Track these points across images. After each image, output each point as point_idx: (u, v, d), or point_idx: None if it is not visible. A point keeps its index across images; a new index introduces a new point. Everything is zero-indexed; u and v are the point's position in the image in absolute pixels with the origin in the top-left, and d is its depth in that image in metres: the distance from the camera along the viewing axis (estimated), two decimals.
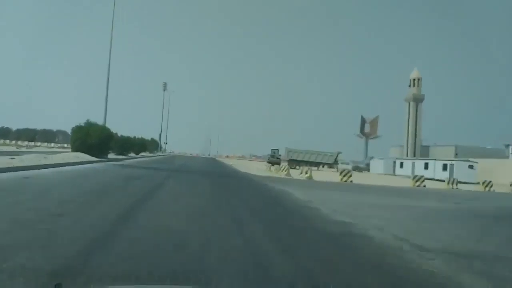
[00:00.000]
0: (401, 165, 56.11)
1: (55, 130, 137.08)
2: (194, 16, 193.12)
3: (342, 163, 54.63)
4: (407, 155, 69.20)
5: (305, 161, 54.56)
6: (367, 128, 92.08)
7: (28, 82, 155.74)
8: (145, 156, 50.83)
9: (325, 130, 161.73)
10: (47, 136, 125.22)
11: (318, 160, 54.76)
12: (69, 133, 36.90)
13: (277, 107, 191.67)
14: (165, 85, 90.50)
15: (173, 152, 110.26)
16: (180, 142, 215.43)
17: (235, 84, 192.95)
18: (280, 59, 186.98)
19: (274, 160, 62.43)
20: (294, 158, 54.69)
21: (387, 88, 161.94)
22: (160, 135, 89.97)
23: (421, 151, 69.43)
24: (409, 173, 53.81)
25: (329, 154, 55.39)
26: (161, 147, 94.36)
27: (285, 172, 29.41)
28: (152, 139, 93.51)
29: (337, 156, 55.96)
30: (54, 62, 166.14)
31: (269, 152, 61.28)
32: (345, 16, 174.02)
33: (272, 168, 35.31)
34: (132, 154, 49.78)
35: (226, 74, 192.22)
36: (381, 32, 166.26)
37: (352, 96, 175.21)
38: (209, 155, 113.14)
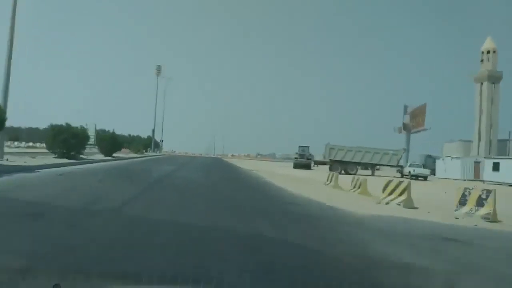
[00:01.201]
0: (496, 167, 38.37)
1: (42, 128, 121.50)
2: (201, 9, 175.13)
3: (412, 166, 37.11)
4: (478, 153, 51.57)
5: (354, 162, 37.31)
6: (410, 120, 74.00)
7: (21, 80, 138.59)
8: (119, 158, 33.76)
9: (344, 125, 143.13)
10: (32, 135, 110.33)
11: (374, 161, 37.38)
12: None
13: (283, 102, 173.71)
14: (159, 68, 73.28)
15: (174, 151, 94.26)
16: (183, 141, 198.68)
17: (240, 80, 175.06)
18: (284, 52, 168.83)
19: (304, 161, 45.34)
20: (339, 158, 37.31)
21: (431, 70, 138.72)
22: (153, 130, 72.92)
23: (498, 148, 51.76)
24: (510, 179, 36.56)
25: (391, 152, 37.96)
26: (157, 146, 77.42)
27: (401, 198, 12.17)
28: (148, 137, 77.19)
29: (401, 155, 38.65)
30: (52, 60, 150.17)
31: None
32: None
33: (340, 181, 17.93)
34: (99, 156, 32.76)
35: (231, 70, 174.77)
36: None
37: (373, 82, 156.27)
38: (213, 154, 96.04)
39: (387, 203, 12.50)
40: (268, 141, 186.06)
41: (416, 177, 35.57)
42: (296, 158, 46.84)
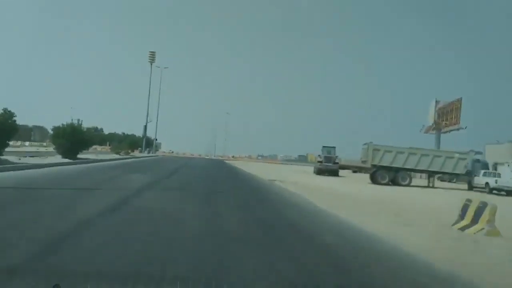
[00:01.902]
0: None
1: (30, 125, 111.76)
2: (201, 8, 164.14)
3: (489, 174, 27.11)
4: None
5: (407, 168, 27.41)
6: (440, 117, 63.82)
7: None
8: (80, 161, 23.76)
9: (353, 125, 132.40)
10: (23, 132, 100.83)
11: (434, 168, 27.43)
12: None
13: (284, 102, 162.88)
14: (152, 55, 63.21)
15: (172, 152, 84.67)
16: (183, 142, 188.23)
17: (241, 80, 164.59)
18: (286, 51, 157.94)
19: (331, 166, 35.48)
20: (386, 164, 27.32)
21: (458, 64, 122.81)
22: (145, 126, 62.94)
23: None
24: None
25: (457, 155, 28.05)
26: (150, 145, 67.47)
27: None
28: (143, 136, 67.50)
29: (470, 159, 28.82)
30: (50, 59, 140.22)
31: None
32: None
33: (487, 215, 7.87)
34: (55, 158, 22.89)
35: (232, 70, 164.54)
36: None
37: (395, 75, 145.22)
38: (214, 156, 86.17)
39: None
40: (269, 142, 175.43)
41: (498, 191, 25.57)
42: (319, 161, 36.87)
